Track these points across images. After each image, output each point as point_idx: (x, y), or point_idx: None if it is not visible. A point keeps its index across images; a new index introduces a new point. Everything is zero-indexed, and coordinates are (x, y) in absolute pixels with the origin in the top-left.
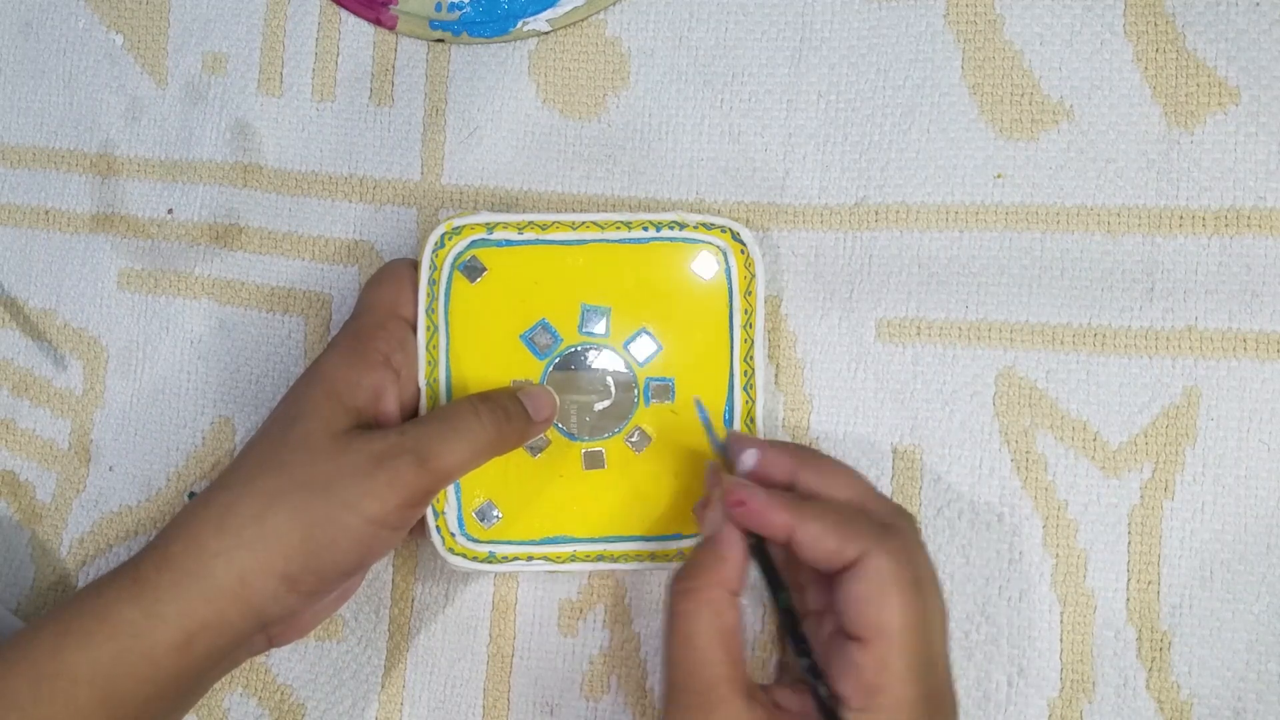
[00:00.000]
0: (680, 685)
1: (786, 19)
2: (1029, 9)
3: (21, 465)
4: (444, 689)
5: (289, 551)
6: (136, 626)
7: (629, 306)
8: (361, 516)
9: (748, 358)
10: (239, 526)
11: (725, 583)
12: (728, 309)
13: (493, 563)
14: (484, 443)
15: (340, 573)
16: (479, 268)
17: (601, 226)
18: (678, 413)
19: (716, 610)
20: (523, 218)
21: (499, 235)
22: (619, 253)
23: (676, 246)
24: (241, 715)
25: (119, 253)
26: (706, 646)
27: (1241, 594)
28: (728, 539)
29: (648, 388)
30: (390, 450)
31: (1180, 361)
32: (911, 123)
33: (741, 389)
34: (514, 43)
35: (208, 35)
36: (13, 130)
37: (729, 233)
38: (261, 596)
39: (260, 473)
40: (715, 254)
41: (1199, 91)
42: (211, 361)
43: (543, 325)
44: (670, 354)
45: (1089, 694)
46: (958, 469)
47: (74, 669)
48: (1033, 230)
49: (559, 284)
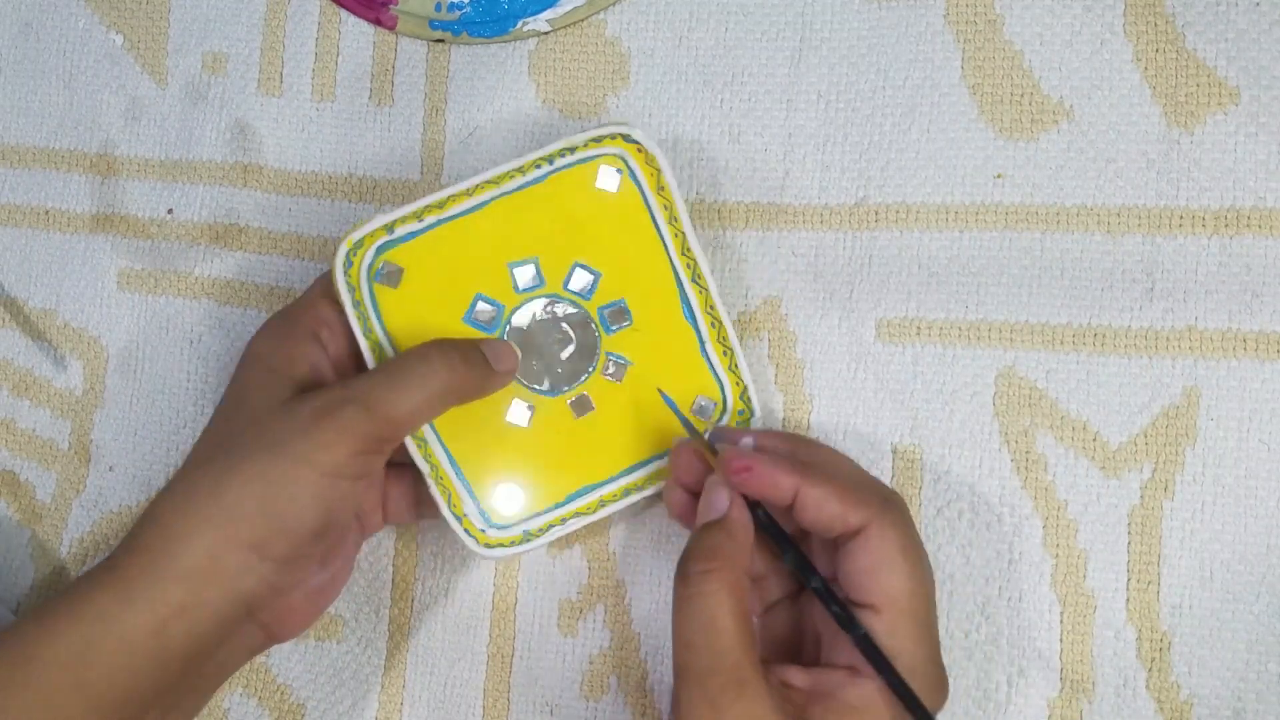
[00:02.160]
0: (705, 668)
1: (786, 19)
2: (1029, 9)
3: (21, 465)
4: (444, 689)
5: (251, 518)
6: (108, 611)
7: (554, 249)
8: (315, 469)
9: (685, 251)
10: (199, 505)
11: (740, 562)
12: (646, 211)
13: (531, 539)
14: (437, 386)
15: (308, 530)
16: (396, 270)
17: (497, 181)
18: (640, 330)
19: (734, 590)
20: (418, 204)
21: (401, 230)
22: (524, 201)
23: (575, 171)
24: (241, 715)
25: (119, 253)
26: (731, 628)
27: (1241, 594)
28: (737, 517)
29: (603, 317)
30: (332, 402)
31: (1180, 361)
32: (911, 123)
33: (690, 281)
34: (514, 43)
35: (208, 35)
36: (13, 130)
37: (619, 138)
38: (234, 570)
39: (214, 453)
40: (614, 163)
41: (1199, 91)
42: (211, 361)
43: (480, 299)
44: (610, 278)
45: (1089, 694)
46: (958, 469)
47: (48, 654)
48: (1033, 230)
49: (480, 255)
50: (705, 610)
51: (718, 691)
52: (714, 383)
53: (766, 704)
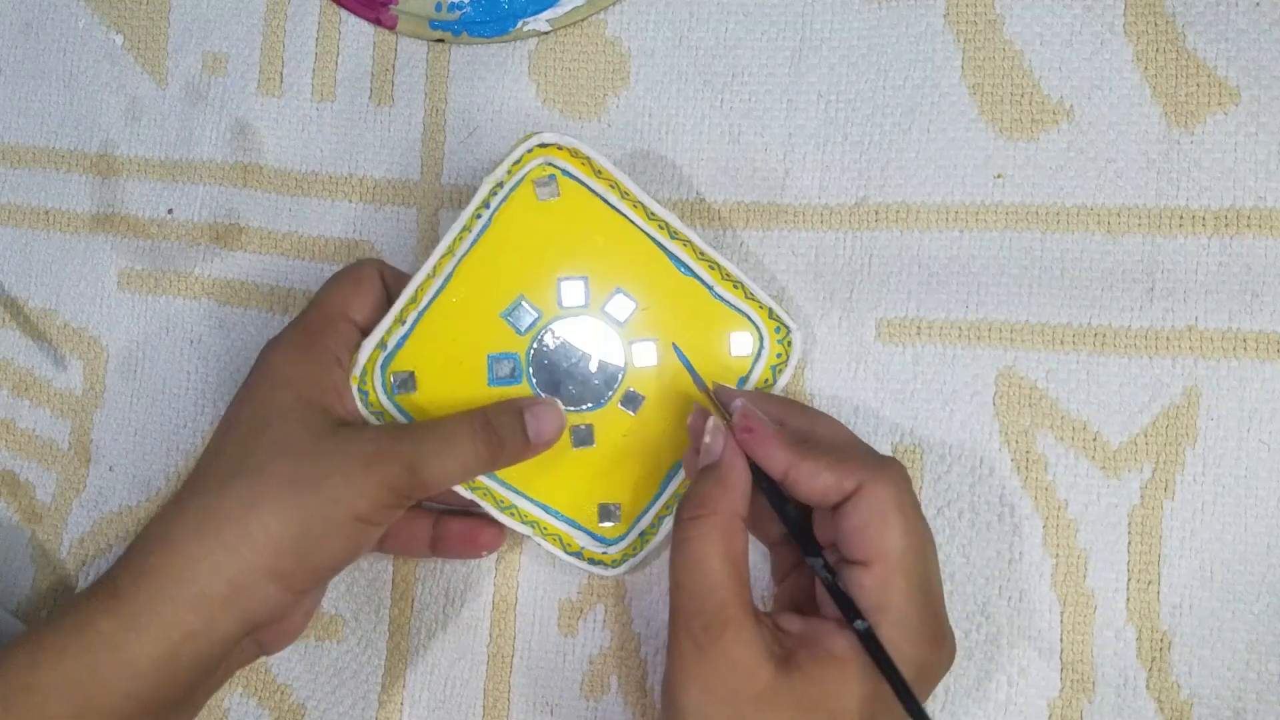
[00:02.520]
0: (691, 610)
1: (786, 19)
2: (1029, 9)
3: (21, 465)
4: (444, 689)
5: (280, 550)
6: (114, 640)
7: (535, 279)
8: (352, 513)
9: (651, 216)
10: (218, 529)
11: (732, 507)
12: (597, 198)
13: (649, 537)
14: (474, 463)
15: (330, 568)
16: (408, 376)
17: (451, 251)
18: (649, 307)
19: (725, 535)
20: (396, 309)
21: (393, 340)
22: (485, 252)
23: (513, 200)
24: (241, 715)
25: (119, 253)
26: (718, 570)
27: (1241, 594)
28: (731, 464)
29: (609, 314)
30: (382, 454)
31: (1180, 361)
32: (911, 123)
33: (670, 240)
34: (514, 43)
35: (208, 35)
36: (13, 130)
37: (535, 150)
38: (252, 599)
39: (235, 475)
40: (542, 173)
41: (1199, 91)
42: (211, 361)
43: (494, 360)
44: (599, 275)
45: (1089, 694)
46: (958, 469)
47: (45, 683)
48: (1033, 230)
49: (474, 321)
50: (693, 554)
51: (700, 630)
52: (739, 317)
53: (752, 644)
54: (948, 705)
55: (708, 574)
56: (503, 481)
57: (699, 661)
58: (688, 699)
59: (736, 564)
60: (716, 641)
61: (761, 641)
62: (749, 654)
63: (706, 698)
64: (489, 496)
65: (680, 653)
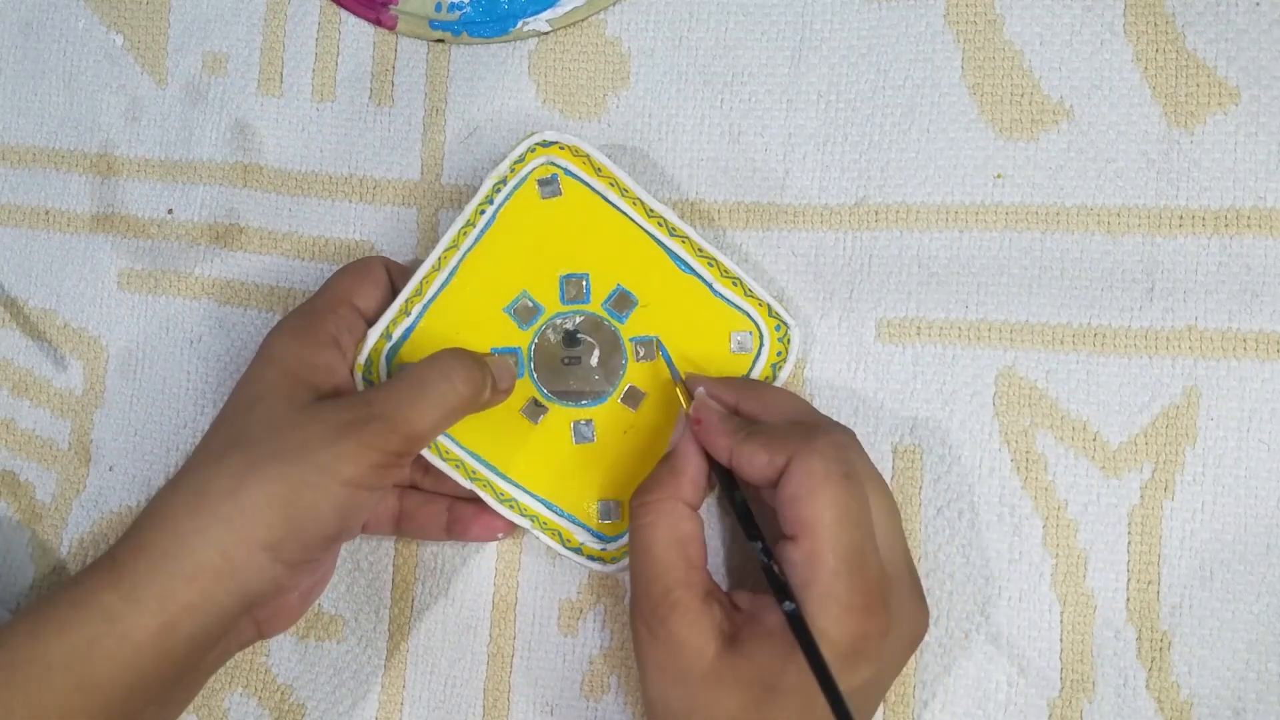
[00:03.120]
0: (641, 593)
1: (786, 19)
2: (1029, 9)
3: (21, 465)
4: (444, 689)
5: (270, 521)
6: (113, 611)
7: (538, 275)
8: (337, 480)
9: (650, 213)
10: (213, 504)
11: (679, 494)
12: (598, 196)
13: None
14: (455, 404)
15: (323, 537)
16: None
17: (456, 244)
18: (649, 304)
19: (671, 520)
20: (401, 299)
21: (398, 331)
22: (488, 247)
23: (517, 198)
24: (241, 715)
25: (119, 253)
26: (663, 555)
27: (1241, 594)
28: (683, 453)
29: (610, 310)
30: (358, 417)
31: (1180, 361)
32: (911, 123)
33: (669, 237)
34: (514, 43)
35: (208, 35)
36: (13, 130)
37: (537, 148)
38: (246, 570)
39: (227, 451)
40: (545, 172)
41: (1199, 91)
42: (211, 361)
43: (497, 353)
44: (600, 273)
45: (1089, 694)
46: (958, 469)
47: (47, 655)
48: (1033, 230)
49: (476, 315)
50: (642, 540)
51: (649, 613)
52: (739, 315)
53: (697, 625)
54: (948, 705)
55: (656, 559)
56: (503, 475)
57: (652, 644)
58: (647, 680)
59: (685, 547)
60: (664, 623)
61: (709, 621)
62: (694, 634)
63: (661, 678)
64: (489, 489)
65: (637, 637)
